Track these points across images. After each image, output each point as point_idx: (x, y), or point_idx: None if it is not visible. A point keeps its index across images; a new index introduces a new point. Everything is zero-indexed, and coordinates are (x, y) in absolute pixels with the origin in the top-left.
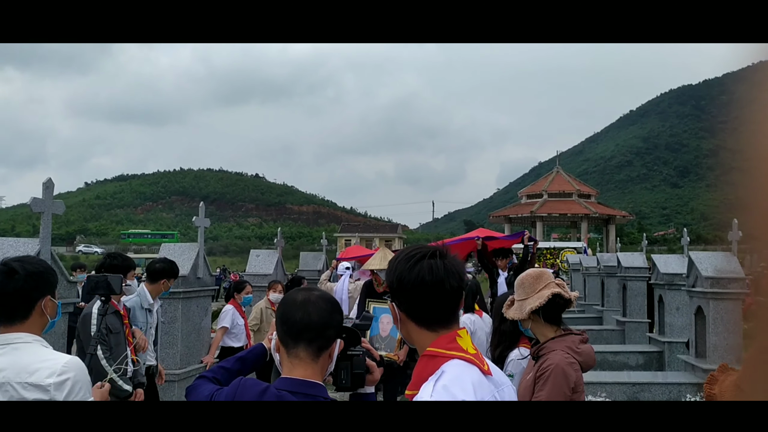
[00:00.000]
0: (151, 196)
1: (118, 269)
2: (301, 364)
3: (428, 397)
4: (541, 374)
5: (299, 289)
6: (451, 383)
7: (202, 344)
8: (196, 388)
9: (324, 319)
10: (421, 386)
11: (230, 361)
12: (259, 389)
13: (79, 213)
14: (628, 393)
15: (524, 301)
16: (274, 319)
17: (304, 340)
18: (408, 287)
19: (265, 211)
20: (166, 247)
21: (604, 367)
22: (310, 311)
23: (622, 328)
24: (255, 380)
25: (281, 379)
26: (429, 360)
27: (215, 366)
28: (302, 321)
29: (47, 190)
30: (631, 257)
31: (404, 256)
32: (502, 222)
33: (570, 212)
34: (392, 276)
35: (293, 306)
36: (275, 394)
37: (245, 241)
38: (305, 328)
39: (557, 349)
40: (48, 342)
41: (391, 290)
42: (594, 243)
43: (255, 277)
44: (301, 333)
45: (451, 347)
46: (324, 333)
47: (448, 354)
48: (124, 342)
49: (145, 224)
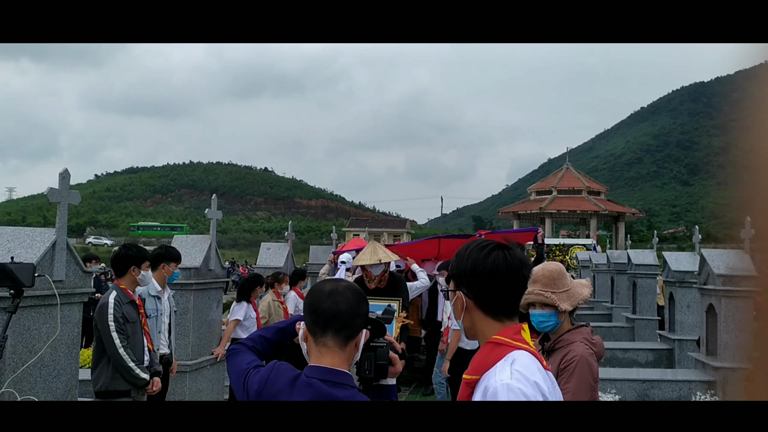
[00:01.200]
0: (161, 188)
1: (133, 260)
2: (329, 353)
3: (507, 379)
4: (565, 366)
5: (327, 280)
6: (525, 369)
7: (213, 336)
8: (236, 354)
9: (352, 308)
10: (486, 371)
11: (270, 331)
12: (291, 375)
13: (89, 205)
14: (638, 390)
15: (566, 293)
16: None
17: (332, 329)
18: (483, 275)
19: (274, 205)
20: (178, 238)
21: (614, 364)
22: (338, 301)
23: (632, 326)
24: (289, 365)
25: (310, 367)
26: (494, 347)
27: (255, 334)
28: (330, 310)
29: (63, 181)
30: (641, 254)
31: (476, 247)
32: (511, 218)
33: (579, 209)
34: (465, 264)
35: (321, 296)
36: (305, 381)
37: (254, 234)
38: (333, 318)
39: (576, 340)
40: (62, 332)
41: (461, 278)
42: (603, 240)
43: (266, 270)
44: (329, 322)
45: (517, 338)
46: (351, 322)
47: (514, 344)
48: (140, 331)
49: (155, 216)
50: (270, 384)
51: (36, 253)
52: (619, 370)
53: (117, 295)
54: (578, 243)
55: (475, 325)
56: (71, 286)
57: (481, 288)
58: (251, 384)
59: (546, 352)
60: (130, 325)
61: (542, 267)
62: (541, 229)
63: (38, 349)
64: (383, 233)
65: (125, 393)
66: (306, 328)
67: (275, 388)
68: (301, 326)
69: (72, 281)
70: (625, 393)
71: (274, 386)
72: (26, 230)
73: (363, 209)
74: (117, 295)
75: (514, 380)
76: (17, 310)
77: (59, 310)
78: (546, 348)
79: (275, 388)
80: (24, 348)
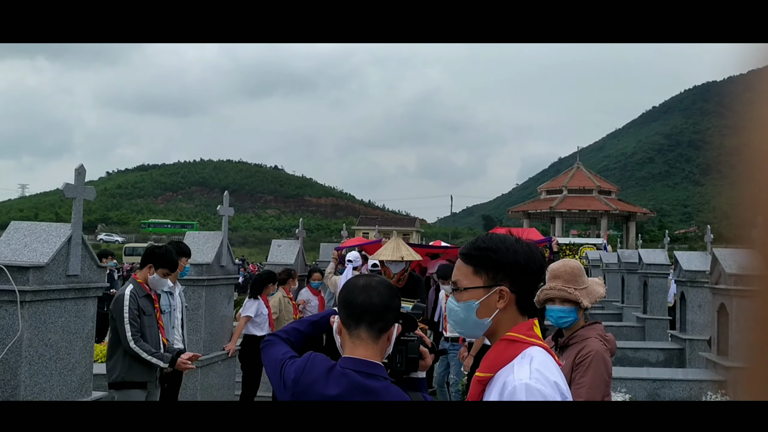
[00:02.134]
0: (171, 186)
1: (153, 258)
2: (362, 345)
3: (527, 379)
4: (581, 361)
5: (360, 275)
6: (544, 368)
7: (225, 332)
8: (271, 345)
9: (384, 302)
10: (501, 368)
11: (303, 324)
12: (327, 365)
13: (101, 202)
14: (648, 389)
15: (584, 290)
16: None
17: (365, 322)
18: (533, 270)
19: (284, 203)
20: (190, 235)
21: (624, 363)
22: (372, 295)
23: (643, 325)
24: (324, 356)
25: (344, 358)
26: (509, 344)
27: (289, 326)
28: (364, 304)
29: (79, 177)
30: (652, 254)
31: (514, 241)
32: (521, 217)
33: (590, 208)
34: (514, 256)
35: (355, 290)
36: (340, 372)
37: (264, 232)
38: (367, 311)
39: (591, 336)
40: (77, 326)
41: (506, 272)
42: (614, 240)
43: (276, 267)
44: (362, 315)
45: (531, 334)
46: (384, 316)
47: (529, 340)
48: (155, 324)
49: (165, 214)
50: (306, 374)
51: (52, 247)
52: (630, 369)
53: (133, 288)
54: (588, 242)
55: (502, 320)
56: (86, 280)
57: (528, 283)
58: (288, 373)
59: (560, 347)
60: (146, 317)
61: (563, 263)
62: (555, 238)
63: (54, 342)
64: (393, 231)
65: (141, 384)
66: (340, 321)
67: (311, 377)
68: (335, 320)
69: (87, 276)
70: (635, 392)
71: (310, 376)
72: (42, 225)
73: (372, 207)
74: (133, 288)
75: (533, 380)
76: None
77: (19, 308)
78: (560, 344)
79: (311, 377)
80: (40, 341)
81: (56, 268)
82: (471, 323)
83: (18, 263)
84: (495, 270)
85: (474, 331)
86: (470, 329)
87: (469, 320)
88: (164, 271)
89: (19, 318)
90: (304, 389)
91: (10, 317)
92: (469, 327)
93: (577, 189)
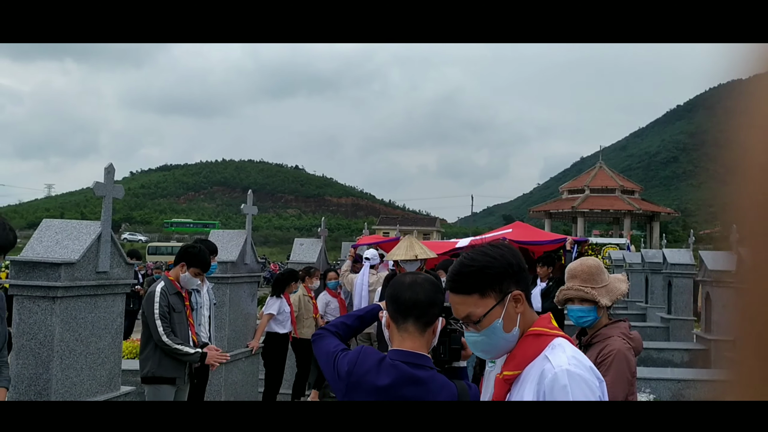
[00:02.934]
0: (194, 185)
1: (186, 257)
2: (410, 338)
3: (566, 365)
4: (602, 360)
5: (406, 273)
6: (578, 354)
7: (249, 329)
8: (322, 338)
9: (430, 298)
10: (529, 363)
11: (351, 318)
12: (377, 357)
13: (124, 202)
14: (673, 390)
15: (603, 288)
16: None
17: (412, 316)
18: (521, 265)
19: (305, 203)
20: (215, 233)
21: (648, 363)
22: (418, 291)
23: (667, 326)
24: (374, 349)
25: (393, 350)
26: (534, 339)
27: (338, 320)
28: (411, 300)
29: (108, 175)
30: (677, 254)
31: (495, 244)
32: (542, 217)
33: (612, 208)
34: (506, 261)
35: (402, 287)
36: (390, 363)
37: (284, 231)
38: (413, 306)
39: (614, 335)
40: (107, 322)
41: (511, 277)
42: (637, 240)
43: (298, 265)
44: (410, 310)
45: (552, 327)
46: (429, 311)
47: (552, 333)
48: (185, 321)
49: (188, 213)
50: (359, 365)
51: (82, 244)
52: (654, 370)
53: (164, 286)
54: (611, 242)
55: (523, 317)
56: (115, 277)
57: (526, 277)
58: (341, 365)
59: (583, 346)
60: (176, 314)
61: (580, 262)
62: (570, 238)
63: (84, 337)
64: (413, 231)
65: (170, 380)
66: (388, 316)
67: (363, 368)
68: (384, 314)
69: (116, 272)
70: (660, 392)
71: (362, 367)
72: (73, 223)
73: (393, 207)
74: (164, 286)
75: (572, 366)
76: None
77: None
78: (583, 342)
79: (363, 368)
80: (71, 336)
81: (86, 264)
82: (502, 342)
83: (50, 260)
84: (499, 282)
85: (507, 347)
86: (503, 347)
87: (498, 341)
88: (196, 271)
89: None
90: (358, 380)
91: (42, 312)
92: (501, 346)
93: (600, 188)
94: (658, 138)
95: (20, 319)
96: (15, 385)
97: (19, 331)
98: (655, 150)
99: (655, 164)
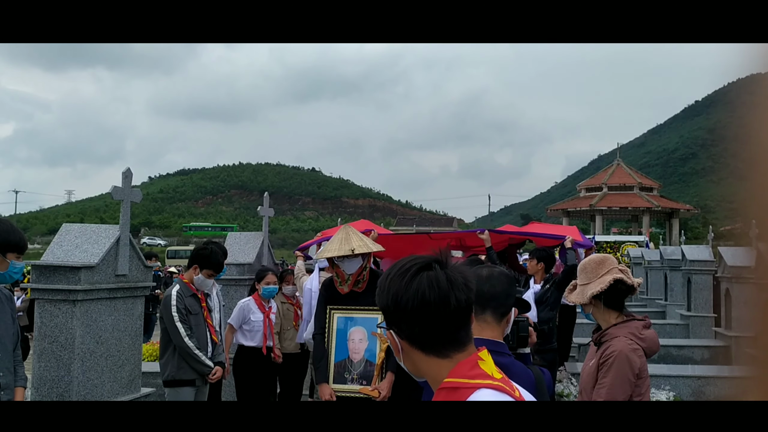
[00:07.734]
0: (212, 189)
1: (199, 259)
2: (488, 327)
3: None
4: (604, 361)
5: (482, 267)
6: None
7: None
8: None
9: (506, 290)
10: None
11: None
12: None
13: (143, 206)
14: (693, 387)
15: (586, 286)
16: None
17: (490, 307)
18: (407, 309)
19: (322, 205)
20: (232, 235)
21: (668, 360)
22: (495, 284)
23: (687, 323)
24: None
25: (474, 339)
26: (450, 393)
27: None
28: (489, 292)
29: (126, 180)
30: (696, 250)
31: (397, 272)
32: (560, 215)
33: (631, 206)
34: (386, 297)
35: (480, 280)
36: None
37: (302, 234)
38: (492, 298)
39: (620, 335)
40: (126, 324)
41: (387, 315)
42: (656, 237)
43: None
44: (488, 302)
45: (475, 374)
46: (506, 302)
47: (473, 383)
48: (203, 323)
49: (206, 217)
50: None
51: (101, 248)
52: (674, 367)
53: (180, 289)
54: (630, 240)
55: (419, 368)
56: (134, 280)
57: (410, 325)
58: None
59: (596, 343)
60: (193, 317)
61: (588, 258)
62: (569, 237)
63: (105, 339)
64: (430, 231)
65: (190, 382)
66: None
67: None
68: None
69: (135, 275)
70: (679, 390)
71: None
72: (92, 227)
73: (410, 208)
74: (180, 289)
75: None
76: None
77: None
78: (593, 340)
79: None
80: (92, 338)
81: (106, 268)
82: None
83: (70, 263)
84: (383, 313)
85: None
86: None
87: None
88: (209, 272)
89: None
90: None
91: (63, 315)
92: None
93: (618, 186)
94: (676, 134)
95: (42, 323)
96: (37, 387)
97: (40, 334)
98: (673, 146)
99: (674, 161)
